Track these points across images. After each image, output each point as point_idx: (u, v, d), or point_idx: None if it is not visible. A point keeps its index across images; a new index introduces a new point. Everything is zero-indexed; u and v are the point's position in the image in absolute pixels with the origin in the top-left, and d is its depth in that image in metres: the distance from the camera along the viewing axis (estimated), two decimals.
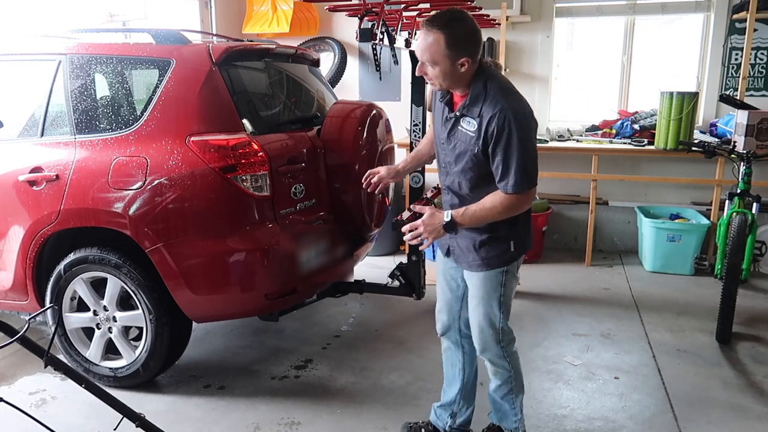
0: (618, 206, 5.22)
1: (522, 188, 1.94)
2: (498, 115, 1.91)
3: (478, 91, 1.97)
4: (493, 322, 2.18)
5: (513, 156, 1.91)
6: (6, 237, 2.90)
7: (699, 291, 4.26)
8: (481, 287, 2.16)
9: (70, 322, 2.93)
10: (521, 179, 1.93)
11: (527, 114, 1.96)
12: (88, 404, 2.66)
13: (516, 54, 5.22)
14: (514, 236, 2.12)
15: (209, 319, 3.10)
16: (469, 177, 2.06)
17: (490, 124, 1.92)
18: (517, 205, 2.00)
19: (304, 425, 2.65)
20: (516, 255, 2.15)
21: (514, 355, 2.28)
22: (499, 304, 2.16)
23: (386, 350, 3.35)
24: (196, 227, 2.63)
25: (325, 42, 5.50)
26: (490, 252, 2.11)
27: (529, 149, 1.94)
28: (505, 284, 2.16)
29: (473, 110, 1.98)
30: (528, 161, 1.93)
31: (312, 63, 3.53)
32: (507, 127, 1.90)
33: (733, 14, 4.82)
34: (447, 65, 1.92)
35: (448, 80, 1.98)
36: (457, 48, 1.89)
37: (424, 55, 1.93)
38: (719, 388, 2.93)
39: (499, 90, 1.96)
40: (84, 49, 2.85)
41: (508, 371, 2.28)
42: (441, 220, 2.01)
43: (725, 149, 3.85)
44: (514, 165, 1.92)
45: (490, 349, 2.23)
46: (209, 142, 2.58)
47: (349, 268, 3.36)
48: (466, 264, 2.18)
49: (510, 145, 1.91)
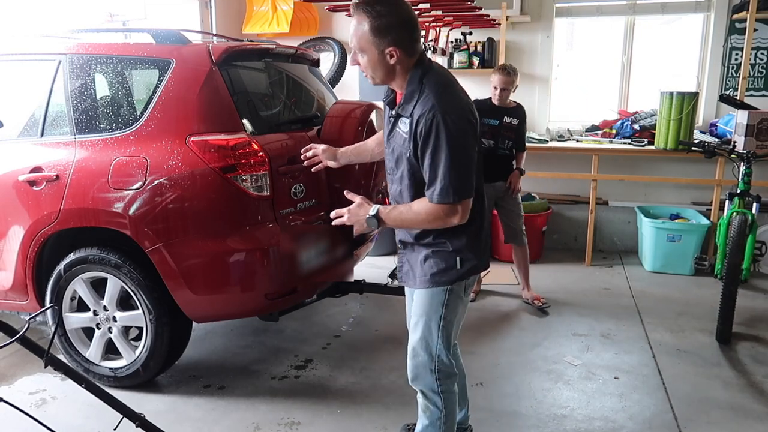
0: (618, 206, 5.22)
1: (447, 198, 1.75)
2: (426, 114, 1.73)
3: (413, 87, 1.80)
4: (429, 347, 1.97)
5: (440, 161, 1.73)
6: (6, 237, 2.90)
7: (699, 291, 4.26)
8: (421, 305, 1.98)
9: (70, 322, 2.93)
10: (446, 189, 1.74)
11: (461, 115, 1.75)
12: (88, 404, 2.66)
13: (516, 54, 5.22)
14: (462, 252, 1.92)
15: (209, 319, 3.10)
16: (407, 184, 1.90)
17: (419, 125, 1.75)
18: (444, 217, 1.79)
19: (304, 425, 2.65)
20: (464, 273, 1.94)
21: (450, 394, 2.04)
22: (438, 327, 1.96)
23: (386, 350, 3.35)
24: (196, 227, 2.63)
25: (325, 42, 5.50)
26: (434, 267, 1.92)
27: (457, 155, 1.73)
28: (447, 305, 1.95)
29: (407, 109, 1.81)
30: (456, 168, 1.73)
31: (312, 63, 3.53)
32: (435, 129, 1.72)
33: (733, 14, 4.82)
34: (374, 54, 1.76)
35: (379, 72, 1.82)
36: (383, 35, 1.73)
37: (352, 41, 1.79)
38: (719, 388, 2.93)
39: (434, 86, 1.78)
40: (84, 49, 2.85)
41: (439, 410, 2.03)
42: (366, 212, 1.88)
43: (725, 149, 3.85)
44: (440, 172, 1.73)
45: (422, 379, 2.02)
46: (209, 142, 2.58)
47: (349, 268, 3.36)
48: (412, 282, 2.01)
49: (438, 149, 1.73)
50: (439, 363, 1.99)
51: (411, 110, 1.79)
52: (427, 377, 2.01)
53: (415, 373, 2.04)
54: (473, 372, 3.06)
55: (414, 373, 2.04)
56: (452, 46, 5.25)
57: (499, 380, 3.01)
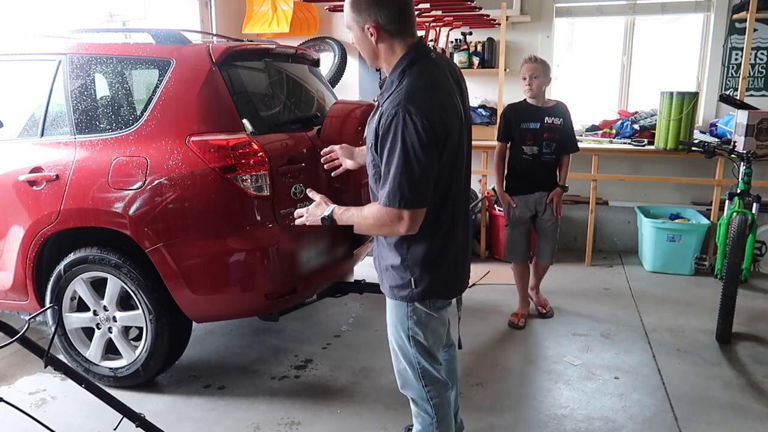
0: (618, 206, 5.22)
1: (392, 203, 1.64)
2: (391, 110, 1.61)
3: (393, 77, 1.72)
4: (406, 354, 1.93)
5: (392, 163, 1.62)
6: (6, 237, 2.90)
7: (699, 291, 4.26)
8: (390, 313, 1.95)
9: (70, 322, 2.93)
10: (393, 193, 1.63)
11: (428, 120, 1.60)
12: (88, 404, 2.66)
13: (516, 54, 5.22)
14: (415, 270, 1.81)
15: (209, 319, 3.10)
16: (371, 174, 1.80)
17: (382, 119, 1.64)
18: (389, 223, 1.67)
19: (304, 425, 2.65)
20: (417, 295, 1.82)
21: (441, 401, 1.97)
22: (407, 337, 1.90)
23: (386, 350, 3.31)
24: (196, 227, 2.62)
25: (325, 42, 5.50)
26: (391, 280, 1.86)
27: (411, 161, 1.60)
28: (411, 317, 1.87)
29: (383, 96, 1.72)
30: (408, 174, 1.61)
31: (312, 63, 3.53)
32: (394, 127, 1.60)
33: (733, 14, 4.82)
34: (357, 31, 1.72)
35: (364, 51, 1.76)
36: (360, 11, 1.68)
37: (345, 18, 1.76)
38: (719, 388, 2.93)
39: (412, 82, 1.66)
40: (84, 49, 2.85)
41: (430, 417, 1.97)
42: (322, 212, 1.85)
43: (725, 149, 3.85)
44: (391, 174, 1.63)
45: (409, 386, 1.98)
46: (209, 142, 2.58)
47: (349, 268, 3.35)
48: (381, 284, 1.96)
49: (393, 149, 1.61)
50: (422, 370, 1.93)
51: (383, 101, 1.69)
52: (414, 384, 1.96)
53: (401, 380, 2.01)
54: (473, 372, 3.06)
55: (401, 380, 2.01)
56: (452, 46, 5.25)
57: (499, 380, 3.01)
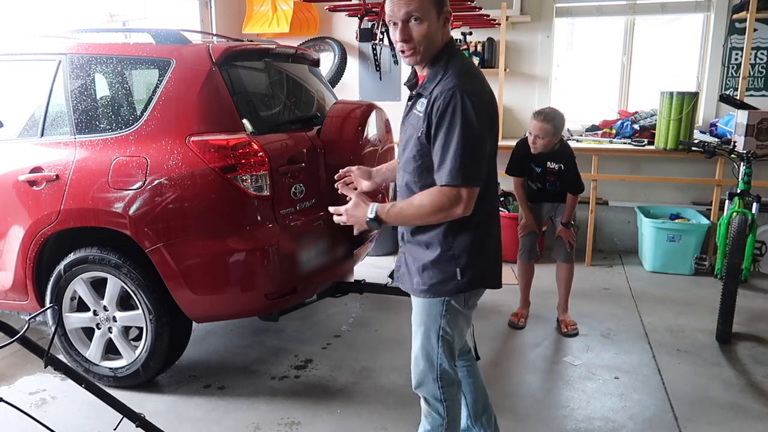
0: (618, 206, 5.22)
1: (455, 179, 1.66)
2: (446, 92, 1.66)
3: (438, 67, 1.74)
4: (429, 356, 1.92)
5: (452, 142, 1.65)
6: (6, 237, 2.90)
7: (699, 291, 4.26)
8: (419, 314, 1.91)
9: (70, 322, 2.93)
10: (456, 170, 1.65)
11: (481, 102, 1.68)
12: (88, 404, 2.66)
13: (516, 54, 5.22)
14: (462, 259, 1.81)
15: (209, 319, 3.10)
16: (412, 169, 1.80)
17: (436, 103, 1.67)
18: (448, 206, 1.69)
19: (304, 425, 2.65)
20: (463, 286, 1.83)
21: (453, 402, 1.98)
22: (437, 338, 1.89)
23: (386, 350, 3.35)
24: (196, 227, 2.63)
25: (325, 42, 5.50)
26: (432, 277, 1.84)
27: (471, 139, 1.65)
28: (445, 315, 1.87)
29: (428, 88, 1.74)
30: (468, 151, 1.65)
31: (312, 63, 3.53)
32: (452, 108, 1.64)
33: (733, 14, 4.82)
34: (434, 20, 1.68)
35: (431, 45, 1.72)
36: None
37: (411, 6, 1.65)
38: (719, 388, 2.93)
39: (459, 69, 1.72)
40: (84, 49, 2.85)
41: (441, 417, 1.98)
42: (365, 214, 1.79)
43: (725, 149, 3.85)
44: (450, 153, 1.65)
45: (425, 385, 1.96)
46: (209, 142, 2.58)
47: (349, 268, 3.36)
48: (409, 286, 1.92)
49: (452, 128, 1.65)
50: (442, 371, 1.93)
51: (431, 89, 1.72)
52: (430, 385, 1.95)
53: (418, 380, 1.98)
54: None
55: (417, 380, 1.99)
56: None
57: (500, 380, 3.01)
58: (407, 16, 1.67)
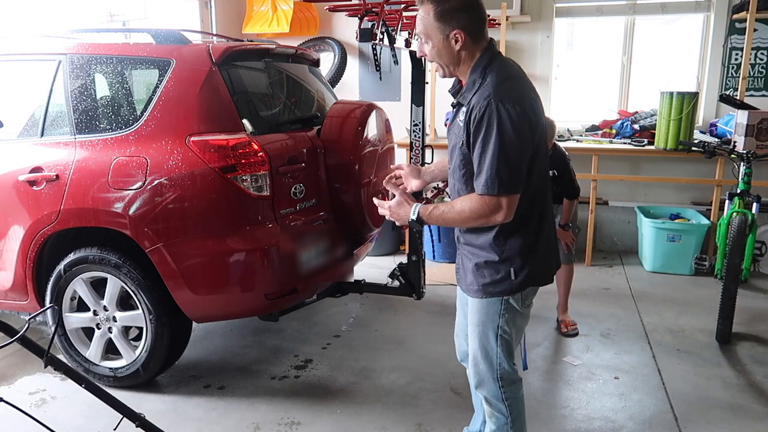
0: (618, 206, 5.22)
1: (491, 189, 1.69)
2: (481, 102, 1.69)
3: (475, 76, 1.77)
4: (488, 355, 1.93)
5: (488, 151, 1.68)
6: (6, 237, 2.90)
7: (699, 291, 4.26)
8: (477, 314, 1.93)
9: (70, 322, 2.93)
10: (492, 179, 1.69)
11: (519, 107, 1.69)
12: (88, 404, 2.66)
13: (516, 54, 5.22)
14: (514, 260, 1.84)
15: (209, 319, 3.10)
16: (458, 177, 1.86)
17: (473, 113, 1.71)
18: (488, 213, 1.73)
19: (304, 425, 2.65)
20: (516, 286, 1.85)
21: (516, 400, 2.00)
22: (496, 337, 1.91)
23: (386, 350, 3.35)
24: (196, 227, 2.62)
25: (325, 42, 5.50)
26: (486, 277, 1.87)
27: (507, 147, 1.67)
28: (503, 314, 1.89)
29: (466, 97, 1.78)
30: (504, 160, 1.68)
31: (312, 63, 3.53)
32: (488, 117, 1.67)
33: (733, 14, 4.82)
34: (439, 40, 1.75)
35: (445, 60, 1.79)
36: (447, 19, 1.73)
37: (418, 29, 1.77)
38: (719, 388, 2.93)
39: (496, 76, 1.74)
40: (84, 49, 2.85)
41: (504, 417, 1.99)
42: (408, 214, 1.85)
43: (725, 149, 3.85)
44: (487, 162, 1.68)
45: (485, 386, 1.98)
46: (209, 142, 2.58)
47: (349, 268, 3.36)
48: (465, 286, 1.97)
49: (488, 138, 1.68)
50: (502, 371, 1.94)
51: (470, 98, 1.75)
52: (491, 385, 1.96)
53: (477, 380, 1.99)
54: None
55: (477, 380, 2.00)
56: None
57: None
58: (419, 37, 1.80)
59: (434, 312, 3.86)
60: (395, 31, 3.21)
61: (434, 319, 3.77)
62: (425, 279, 3.61)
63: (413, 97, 3.35)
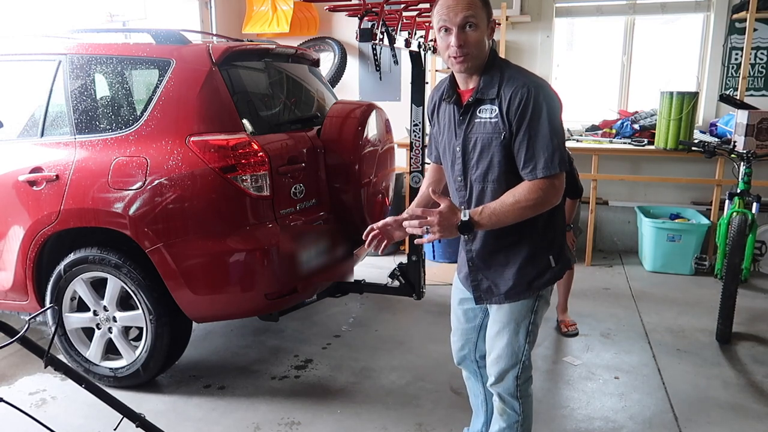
0: (618, 206, 5.22)
1: (553, 169, 1.66)
2: (521, 89, 1.67)
3: (492, 73, 1.75)
4: (515, 353, 1.90)
5: (540, 131, 1.66)
6: (6, 237, 2.90)
7: (699, 291, 4.26)
8: (509, 314, 1.89)
9: (70, 322, 2.93)
10: (551, 158, 1.65)
11: (554, 93, 1.72)
12: (88, 404, 2.66)
13: (516, 54, 5.22)
14: (554, 247, 1.85)
15: (209, 319, 3.10)
16: (497, 176, 1.76)
17: (514, 100, 1.67)
18: (545, 196, 1.68)
19: (304, 425, 2.65)
20: (558, 271, 1.87)
21: (528, 398, 2.00)
22: (526, 333, 1.89)
23: (386, 350, 3.35)
24: (196, 227, 2.62)
25: (325, 42, 5.51)
26: (531, 272, 1.83)
27: (559, 127, 1.69)
28: (536, 311, 1.89)
29: (489, 93, 1.73)
30: (559, 137, 1.67)
31: (312, 63, 3.53)
32: (533, 100, 1.66)
33: (733, 14, 4.82)
34: (485, 27, 1.72)
35: (481, 52, 1.73)
36: (488, 5, 1.73)
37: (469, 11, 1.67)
38: (719, 388, 2.93)
39: (516, 70, 1.75)
40: (84, 49, 2.85)
41: (517, 414, 1.99)
42: (458, 218, 1.70)
43: (725, 149, 3.85)
44: (542, 143, 1.66)
45: (504, 383, 1.95)
46: (209, 142, 2.58)
47: (349, 268, 3.36)
48: (497, 298, 1.89)
49: (539, 119, 1.66)
50: (523, 368, 1.93)
51: (497, 92, 1.72)
52: (510, 382, 1.95)
53: (497, 377, 1.96)
54: None
55: (496, 377, 1.96)
56: None
57: None
58: (464, 21, 1.68)
59: (434, 312, 3.86)
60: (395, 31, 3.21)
61: (434, 319, 3.77)
62: (425, 279, 3.61)
63: (413, 97, 3.35)
